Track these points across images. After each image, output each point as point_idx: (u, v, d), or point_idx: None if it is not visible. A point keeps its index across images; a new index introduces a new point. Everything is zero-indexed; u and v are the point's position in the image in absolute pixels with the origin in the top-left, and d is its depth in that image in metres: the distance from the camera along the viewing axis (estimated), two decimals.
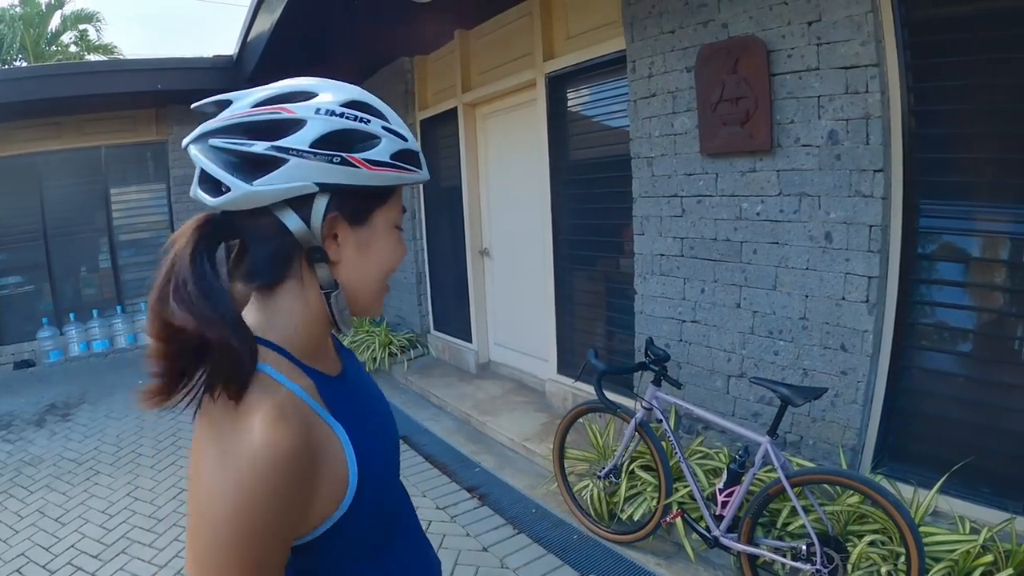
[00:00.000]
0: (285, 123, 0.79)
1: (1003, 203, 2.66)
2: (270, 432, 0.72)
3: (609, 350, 4.60)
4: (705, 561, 3.10)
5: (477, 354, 6.06)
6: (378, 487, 0.88)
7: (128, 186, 7.97)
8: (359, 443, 0.84)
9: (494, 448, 4.62)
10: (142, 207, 8.00)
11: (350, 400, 0.90)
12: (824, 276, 2.97)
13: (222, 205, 0.79)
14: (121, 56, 16.09)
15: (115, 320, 7.62)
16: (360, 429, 0.86)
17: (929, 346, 2.89)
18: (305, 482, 0.76)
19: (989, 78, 2.59)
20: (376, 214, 0.87)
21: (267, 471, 0.71)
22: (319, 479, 0.78)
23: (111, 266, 7.90)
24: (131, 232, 7.98)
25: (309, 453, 0.76)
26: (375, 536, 0.90)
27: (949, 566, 2.33)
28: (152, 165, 7.97)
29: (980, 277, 2.76)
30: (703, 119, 3.33)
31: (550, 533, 3.50)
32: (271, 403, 0.75)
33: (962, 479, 2.66)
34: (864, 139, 2.75)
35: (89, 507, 3.95)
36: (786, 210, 3.07)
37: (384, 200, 0.87)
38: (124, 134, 7.74)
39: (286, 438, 0.73)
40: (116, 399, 5.94)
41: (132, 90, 6.90)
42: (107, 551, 3.47)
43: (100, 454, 4.73)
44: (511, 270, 5.69)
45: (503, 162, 5.61)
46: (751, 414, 3.37)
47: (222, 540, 0.71)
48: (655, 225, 3.77)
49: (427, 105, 6.49)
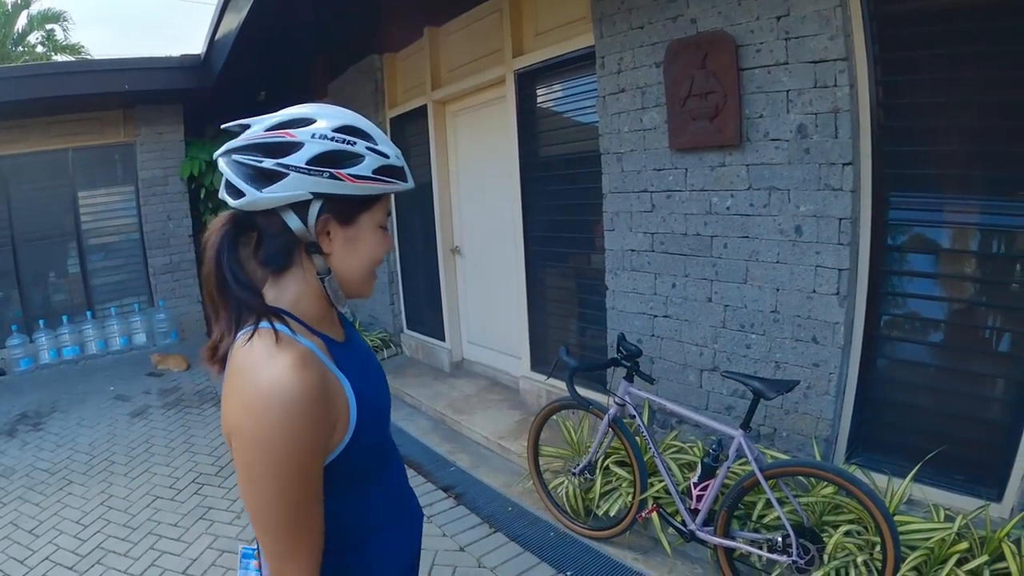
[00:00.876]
0: (288, 145, 1.00)
1: (971, 195, 2.66)
2: (297, 372, 0.94)
3: (582, 346, 4.57)
4: (682, 555, 3.08)
5: (451, 353, 5.99)
6: (373, 429, 1.10)
7: (96, 189, 7.74)
8: (359, 393, 1.06)
9: (469, 447, 4.56)
10: (111, 210, 7.77)
11: (352, 360, 1.11)
12: (795, 269, 2.96)
13: (240, 206, 1.02)
14: (89, 56, 15.68)
15: (85, 326, 7.39)
16: (360, 383, 1.07)
17: (900, 337, 2.90)
18: (325, 413, 0.98)
19: (957, 71, 2.60)
20: (362, 216, 1.08)
21: (301, 399, 0.93)
22: (333, 413, 1.00)
23: (80, 271, 7.68)
24: (100, 236, 7.75)
25: (325, 392, 0.98)
26: (369, 467, 1.13)
27: (925, 554, 2.33)
28: (120, 167, 7.75)
29: (949, 268, 2.77)
30: (672, 114, 3.31)
31: (527, 531, 3.45)
32: (295, 352, 0.97)
33: (936, 467, 2.66)
34: (833, 133, 2.74)
35: (63, 518, 3.82)
36: (756, 204, 3.06)
37: (370, 205, 1.08)
38: (91, 136, 7.52)
39: (309, 377, 0.95)
40: (88, 406, 5.77)
41: (99, 91, 6.70)
42: (82, 562, 3.36)
43: (73, 463, 4.59)
44: (483, 268, 5.64)
45: (473, 160, 5.55)
46: (724, 407, 3.36)
47: (277, 456, 0.93)
48: (625, 220, 3.74)
49: (397, 103, 6.40)
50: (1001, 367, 2.65)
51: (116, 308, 7.69)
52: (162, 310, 7.68)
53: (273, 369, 0.94)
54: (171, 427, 5.16)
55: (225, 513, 3.79)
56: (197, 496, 4.01)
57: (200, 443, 4.82)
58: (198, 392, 6.02)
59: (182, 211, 7.81)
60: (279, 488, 0.95)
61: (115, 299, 7.80)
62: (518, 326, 5.04)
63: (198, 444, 4.81)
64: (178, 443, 4.84)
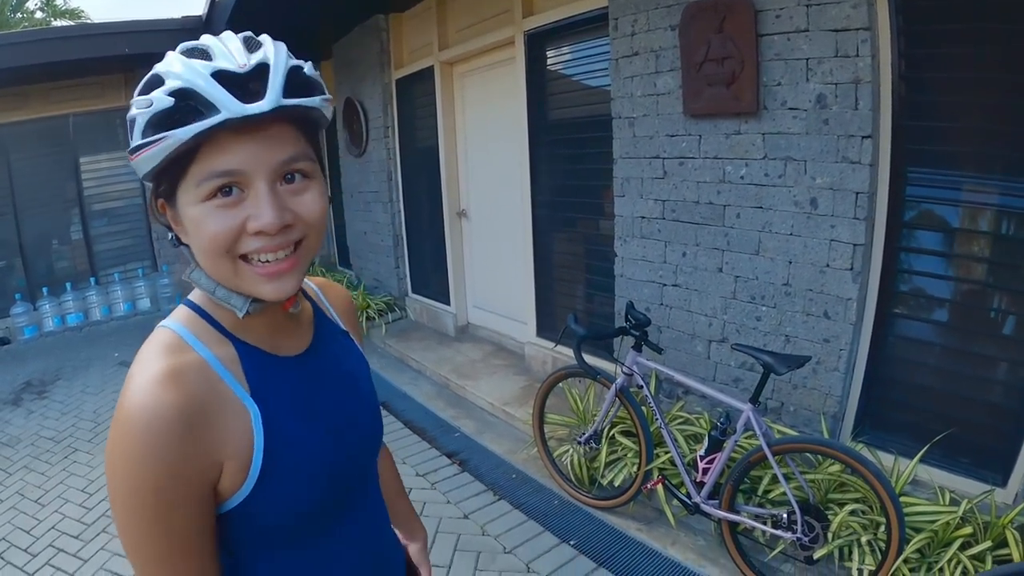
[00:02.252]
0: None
1: (992, 174, 2.56)
2: (156, 390, 0.72)
3: (589, 313, 4.52)
4: (686, 527, 3.08)
5: (456, 317, 5.96)
6: (295, 474, 0.81)
7: (98, 154, 7.63)
8: (280, 431, 0.80)
9: (474, 412, 4.56)
10: (113, 175, 7.66)
11: (291, 382, 0.85)
12: (808, 242, 2.88)
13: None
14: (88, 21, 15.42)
15: (89, 292, 7.36)
16: (289, 413, 0.82)
17: (913, 315, 2.83)
18: (189, 445, 0.73)
19: (983, 47, 2.48)
20: (178, 190, 0.76)
21: (148, 423, 0.71)
22: (217, 447, 0.75)
23: (83, 237, 7.62)
24: (103, 201, 7.67)
25: (196, 418, 0.73)
26: (292, 531, 0.84)
27: (928, 537, 2.30)
28: (122, 132, 7.55)
29: (966, 248, 2.69)
30: (687, 79, 3.19)
31: (531, 499, 3.45)
32: (166, 364, 0.75)
33: (943, 449, 2.63)
34: (853, 104, 2.64)
35: (69, 486, 3.83)
36: (771, 174, 2.97)
37: (181, 172, 0.74)
38: (92, 101, 7.39)
39: (171, 398, 0.72)
40: (92, 373, 5.77)
41: (99, 55, 6.56)
42: (88, 531, 3.37)
43: (78, 431, 4.59)
44: (489, 231, 5.56)
45: (481, 122, 5.43)
46: (732, 380, 3.32)
47: (121, 491, 0.72)
48: (636, 187, 3.65)
49: (403, 64, 6.25)
50: (1013, 352, 2.58)
51: (120, 274, 7.66)
52: (166, 275, 7.64)
53: (136, 384, 0.74)
54: None
55: None
56: None
57: None
58: None
59: None
60: (130, 532, 0.74)
61: (119, 265, 7.76)
62: (524, 291, 4.99)
63: None
64: None
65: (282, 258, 0.77)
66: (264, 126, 0.73)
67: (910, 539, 2.30)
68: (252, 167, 0.73)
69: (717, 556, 2.88)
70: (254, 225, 0.73)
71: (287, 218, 0.75)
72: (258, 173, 0.73)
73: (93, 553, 3.18)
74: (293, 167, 0.76)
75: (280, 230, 0.75)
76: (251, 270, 0.77)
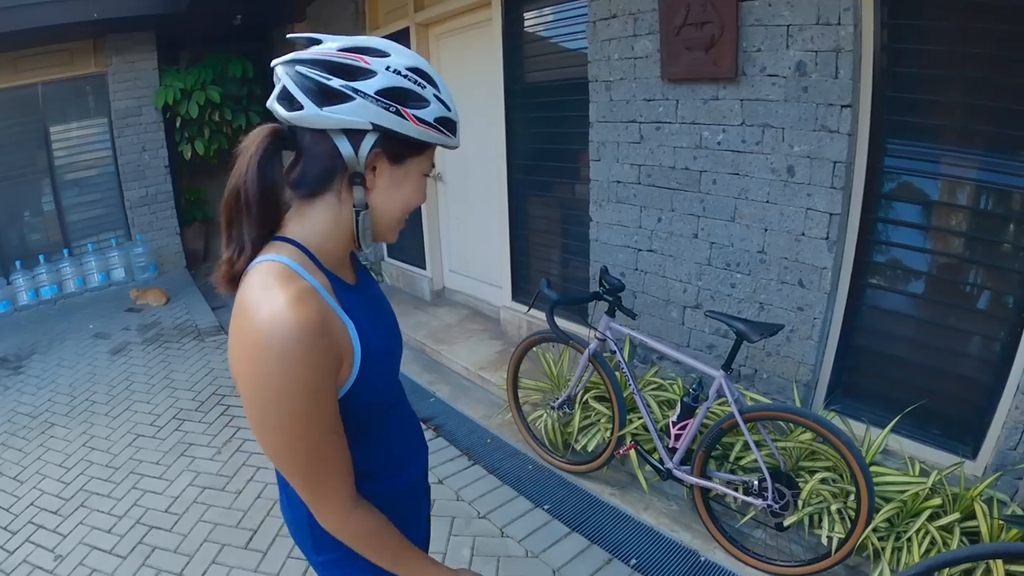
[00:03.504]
0: (360, 70, 0.95)
1: (971, 149, 2.50)
2: (293, 308, 0.88)
3: (564, 278, 4.46)
4: (659, 492, 3.07)
5: (432, 281, 5.87)
6: (378, 377, 1.04)
7: (69, 123, 7.23)
8: (365, 337, 1.00)
9: (449, 377, 4.50)
10: (85, 144, 7.31)
11: (361, 305, 1.06)
12: (784, 210, 2.82)
13: (293, 120, 0.96)
14: None
15: (63, 264, 7.05)
16: (367, 327, 1.02)
17: (887, 286, 2.80)
18: (328, 345, 0.92)
19: (967, 20, 2.39)
20: (410, 160, 1.03)
21: (299, 335, 0.87)
22: (338, 347, 0.95)
23: (55, 208, 7.27)
24: (75, 171, 7.31)
25: (325, 329, 0.92)
26: (371, 415, 1.08)
27: (898, 507, 2.31)
28: (93, 99, 7.23)
29: (942, 221, 2.64)
30: (665, 43, 3.08)
31: (505, 464, 3.43)
32: (294, 288, 0.91)
33: (914, 420, 2.62)
34: (833, 73, 2.56)
35: (46, 462, 3.72)
36: (748, 141, 2.89)
37: (420, 152, 1.03)
38: (61, 68, 6.98)
39: (305, 314, 0.88)
40: (67, 347, 5.59)
41: (68, 21, 6.18)
42: (66, 505, 3.29)
43: (54, 405, 4.46)
44: (465, 195, 5.45)
45: (457, 84, 5.22)
46: (706, 346, 3.29)
47: (281, 397, 0.89)
48: (612, 151, 3.56)
49: (378, 25, 6.02)
50: (986, 326, 2.56)
51: (93, 244, 7.37)
52: (140, 244, 7.38)
53: (270, 307, 0.88)
54: (151, 363, 5.04)
55: (206, 448, 3.73)
56: (178, 432, 3.94)
57: (180, 378, 4.72)
58: (177, 326, 5.86)
59: (157, 141, 7.39)
60: (291, 428, 0.92)
61: (92, 235, 7.45)
62: (500, 255, 4.91)
63: (178, 380, 4.70)
64: (158, 379, 4.73)
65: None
66: None
67: (879, 508, 2.30)
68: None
69: (689, 521, 2.88)
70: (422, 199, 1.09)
71: None
72: None
73: (72, 528, 3.10)
74: None
75: None
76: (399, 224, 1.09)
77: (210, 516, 3.12)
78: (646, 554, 2.72)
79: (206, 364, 4.94)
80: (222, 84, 7.32)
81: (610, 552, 2.74)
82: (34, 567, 2.86)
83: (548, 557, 2.73)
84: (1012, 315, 2.42)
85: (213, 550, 2.88)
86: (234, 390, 4.44)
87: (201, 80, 7.13)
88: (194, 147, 7.33)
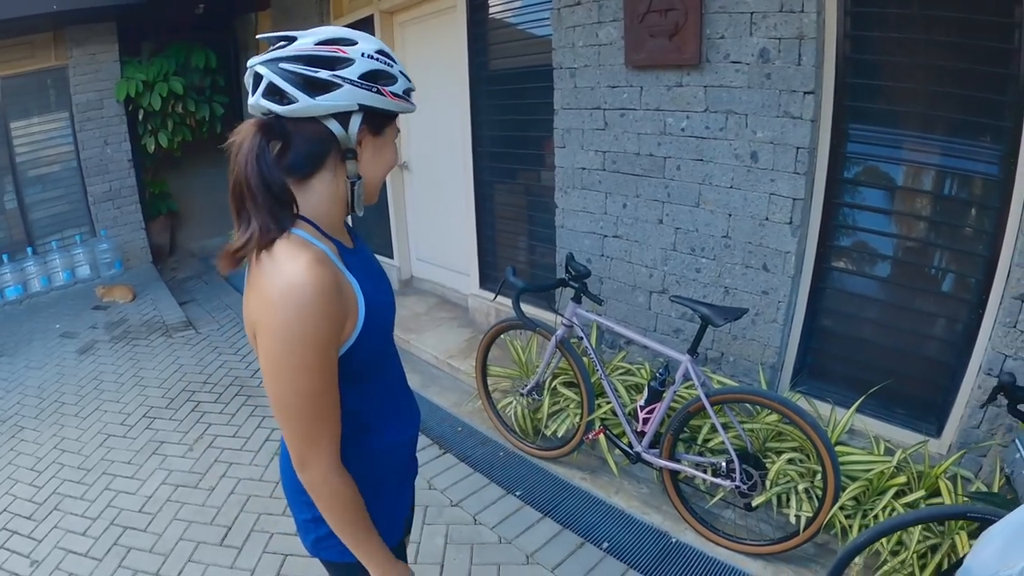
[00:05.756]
0: (341, 60, 1.04)
1: (931, 134, 2.49)
2: (313, 270, 0.99)
3: (531, 264, 4.39)
4: (629, 475, 3.04)
5: (399, 270, 5.75)
6: (378, 328, 1.15)
7: (30, 118, 6.87)
8: (367, 294, 1.11)
9: (419, 366, 4.42)
10: (46, 139, 6.94)
11: (360, 265, 1.17)
12: (748, 195, 2.78)
13: (288, 112, 1.03)
14: None
15: (27, 263, 6.71)
16: (367, 284, 1.13)
17: (850, 270, 2.78)
18: (338, 307, 1.03)
19: (929, 7, 2.37)
20: (387, 129, 1.14)
21: (316, 293, 0.99)
22: (344, 309, 1.05)
23: (17, 206, 6.92)
24: (37, 167, 6.93)
25: (338, 289, 1.03)
26: (371, 366, 1.18)
27: (864, 485, 2.29)
28: (53, 93, 6.86)
29: (904, 206, 2.62)
30: (629, 30, 3.01)
31: (476, 451, 3.38)
32: (310, 253, 1.01)
33: (879, 400, 2.61)
34: (796, 60, 2.51)
35: (17, 466, 3.55)
36: (712, 127, 2.84)
37: (392, 120, 1.15)
38: (21, 63, 6.60)
39: (324, 274, 1.00)
40: (34, 347, 5.33)
41: (26, 13, 5.86)
42: (40, 510, 3.14)
43: (23, 408, 4.25)
44: (431, 184, 5.32)
45: (422, 73, 5.09)
46: (673, 330, 3.25)
47: (296, 347, 0.99)
48: (577, 138, 3.49)
49: (342, 13, 5.83)
50: (947, 307, 2.56)
51: (57, 242, 7.02)
52: (104, 240, 7.07)
53: (293, 268, 0.98)
54: (119, 361, 4.84)
55: (177, 447, 3.59)
56: (149, 431, 3.79)
57: (149, 376, 4.55)
58: (145, 323, 5.65)
59: (120, 135, 7.05)
60: (300, 377, 1.01)
61: (55, 232, 7.09)
62: (467, 243, 4.81)
63: (147, 377, 4.53)
64: (127, 378, 4.55)
65: None
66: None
67: (846, 487, 2.28)
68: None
69: (659, 503, 2.85)
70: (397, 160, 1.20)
71: None
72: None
73: (47, 532, 2.96)
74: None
75: None
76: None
77: (184, 514, 3.01)
78: (618, 537, 2.69)
79: (175, 360, 4.77)
80: (185, 75, 7.04)
81: (582, 536, 2.70)
82: (11, 574, 2.73)
83: (521, 543, 2.69)
84: (974, 296, 2.41)
85: (188, 548, 2.79)
86: (204, 386, 4.32)
87: (163, 71, 6.85)
88: (157, 140, 7.05)
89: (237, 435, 3.66)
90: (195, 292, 6.59)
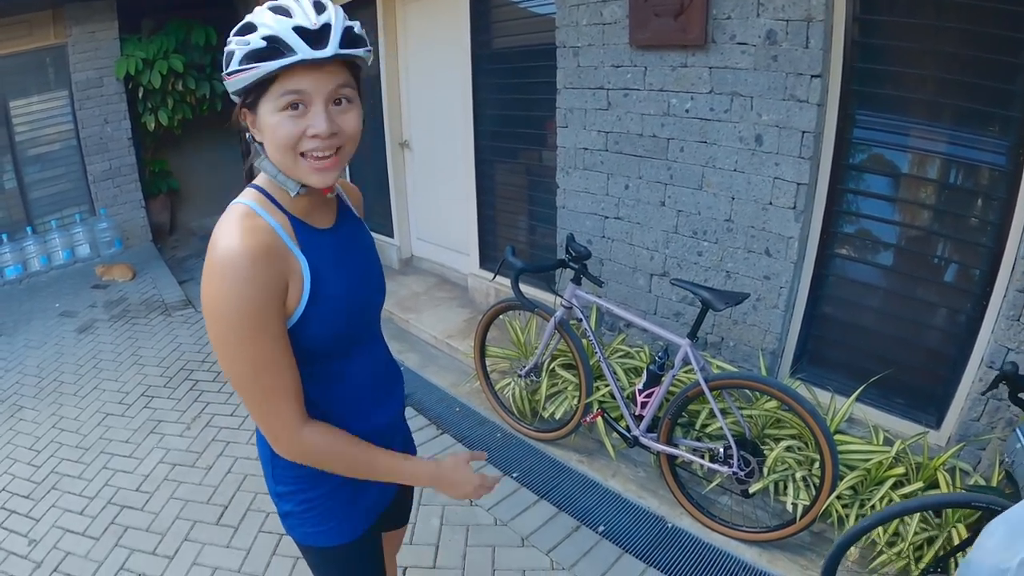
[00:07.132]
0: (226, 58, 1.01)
1: (939, 122, 2.42)
2: (241, 238, 0.98)
3: (531, 244, 4.34)
4: (626, 459, 3.01)
5: (399, 249, 5.69)
6: (333, 308, 1.10)
7: (29, 97, 6.75)
8: (318, 273, 1.07)
9: (418, 345, 4.38)
10: (46, 118, 6.83)
11: (330, 246, 1.13)
12: (752, 179, 2.72)
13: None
14: None
15: (27, 243, 6.64)
16: (328, 267, 1.09)
17: (854, 257, 2.73)
18: (270, 274, 1.00)
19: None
20: (260, 102, 1.01)
21: (242, 261, 0.96)
22: (283, 274, 1.02)
23: (17, 185, 6.83)
24: (36, 146, 6.83)
25: (269, 258, 1.00)
26: (326, 348, 1.12)
27: (862, 475, 2.26)
28: (53, 71, 6.74)
29: (909, 194, 2.56)
30: (634, 9, 2.93)
31: (474, 432, 3.34)
32: (247, 223, 1.01)
33: (879, 390, 2.57)
34: (804, 42, 2.44)
35: (16, 445, 3.52)
36: (716, 109, 2.77)
37: (263, 91, 1.00)
38: (19, 41, 6.47)
39: (252, 242, 0.98)
40: (34, 327, 5.29)
41: None
42: (38, 489, 3.11)
43: (22, 387, 4.22)
44: (432, 162, 5.25)
45: (424, 51, 5.02)
46: (673, 313, 3.20)
47: (231, 318, 0.98)
48: (579, 118, 3.41)
49: None
50: (950, 298, 2.51)
51: (57, 221, 6.94)
52: (104, 219, 7.00)
53: (225, 239, 0.98)
54: (118, 340, 4.80)
55: (175, 425, 3.56)
56: (147, 410, 3.76)
57: (148, 354, 4.51)
58: (144, 302, 5.60)
59: (119, 113, 6.95)
60: (244, 349, 0.99)
61: (55, 211, 7.00)
62: (467, 223, 4.75)
63: (146, 356, 4.49)
64: (125, 356, 4.51)
65: (328, 156, 1.02)
66: (324, 65, 0.97)
67: (844, 476, 2.25)
68: (313, 90, 0.98)
69: (656, 488, 2.82)
70: (312, 130, 0.99)
71: (334, 128, 1.00)
72: (317, 95, 0.99)
73: (45, 511, 2.94)
74: (340, 93, 1.01)
75: (328, 136, 1.00)
76: (306, 163, 1.03)
77: (181, 493, 2.99)
78: (614, 520, 2.66)
79: (174, 339, 4.73)
80: (185, 52, 6.91)
81: (578, 519, 2.68)
82: (8, 553, 2.71)
83: (517, 525, 2.66)
84: (977, 287, 2.36)
85: (185, 527, 2.76)
86: (202, 364, 4.29)
87: (163, 49, 6.73)
88: (157, 118, 6.94)
89: (235, 414, 3.63)
90: (195, 271, 6.53)
